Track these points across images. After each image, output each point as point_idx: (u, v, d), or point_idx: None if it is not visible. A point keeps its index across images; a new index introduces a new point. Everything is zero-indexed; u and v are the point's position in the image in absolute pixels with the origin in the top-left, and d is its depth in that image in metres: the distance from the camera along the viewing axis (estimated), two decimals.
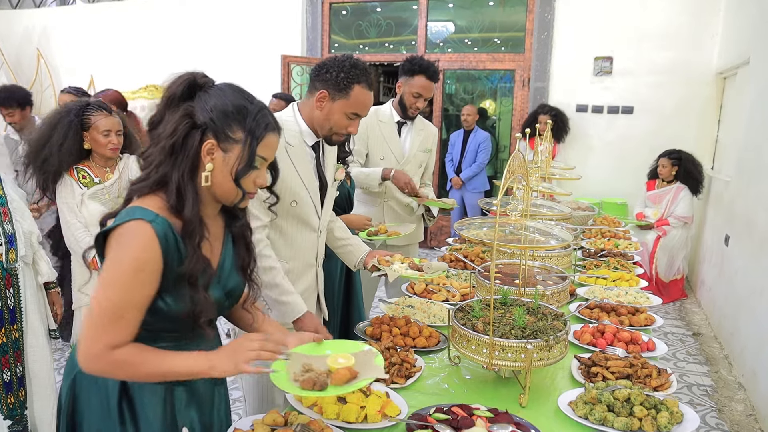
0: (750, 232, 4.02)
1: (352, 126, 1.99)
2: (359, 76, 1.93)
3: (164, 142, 1.30)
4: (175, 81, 1.35)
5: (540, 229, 1.92)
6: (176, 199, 1.30)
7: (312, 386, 1.27)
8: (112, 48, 8.11)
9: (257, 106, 1.36)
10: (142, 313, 1.27)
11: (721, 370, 4.04)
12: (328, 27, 7.31)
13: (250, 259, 1.49)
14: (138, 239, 1.24)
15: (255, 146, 1.33)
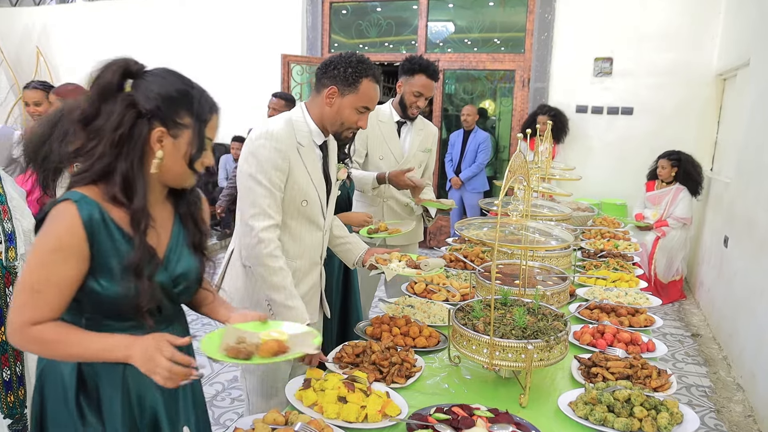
0: (749, 234, 4.03)
1: (362, 120, 2.02)
2: (366, 70, 1.96)
3: (110, 135, 1.28)
4: (107, 69, 1.33)
5: (540, 229, 1.92)
6: (123, 191, 1.30)
7: (236, 354, 1.27)
8: (112, 46, 8.09)
9: (199, 90, 1.38)
10: (66, 293, 1.28)
11: (720, 371, 4.05)
12: (328, 26, 7.30)
13: (201, 235, 1.50)
14: (60, 219, 1.27)
15: (204, 129, 1.36)
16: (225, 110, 2.80)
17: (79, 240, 1.27)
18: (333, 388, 1.59)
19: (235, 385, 3.66)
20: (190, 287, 1.48)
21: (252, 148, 1.92)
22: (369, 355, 1.85)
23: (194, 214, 1.49)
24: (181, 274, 1.43)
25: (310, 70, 6.94)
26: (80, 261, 1.28)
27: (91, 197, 1.30)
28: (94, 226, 1.28)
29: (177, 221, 1.47)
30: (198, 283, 1.50)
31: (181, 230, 1.47)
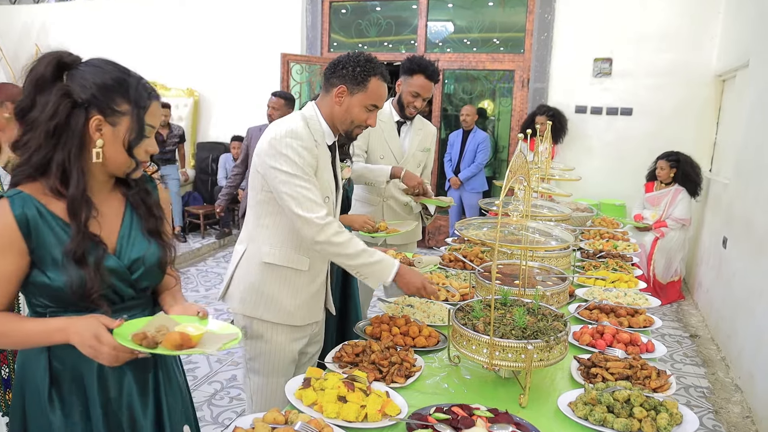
0: (748, 235, 4.03)
1: (371, 118, 2.06)
2: (375, 69, 2.00)
3: (45, 126, 1.29)
4: (41, 62, 1.33)
5: (540, 229, 1.92)
6: (59, 181, 1.32)
7: (141, 341, 1.26)
8: (111, 45, 8.08)
9: (136, 78, 1.39)
10: (10, 285, 1.32)
11: (718, 372, 4.05)
12: (327, 26, 7.30)
13: (156, 221, 1.51)
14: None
15: (143, 116, 1.37)
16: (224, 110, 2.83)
17: (11, 236, 1.29)
18: (333, 387, 1.59)
19: (234, 384, 3.66)
20: (149, 272, 1.48)
21: (280, 148, 1.92)
22: (369, 354, 1.85)
23: (146, 201, 1.51)
24: (136, 260, 1.44)
25: (309, 69, 6.93)
26: (17, 256, 1.30)
27: (28, 193, 1.32)
28: (29, 220, 1.30)
29: (129, 209, 1.49)
30: (159, 268, 1.51)
31: (133, 217, 1.48)
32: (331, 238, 1.92)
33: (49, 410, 1.39)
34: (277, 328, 2.06)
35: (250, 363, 2.11)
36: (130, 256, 1.44)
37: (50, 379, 1.39)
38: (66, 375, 1.40)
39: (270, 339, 2.07)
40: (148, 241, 1.48)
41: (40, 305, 1.38)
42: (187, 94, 7.77)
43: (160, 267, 1.51)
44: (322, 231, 1.90)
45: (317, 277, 2.14)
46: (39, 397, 1.40)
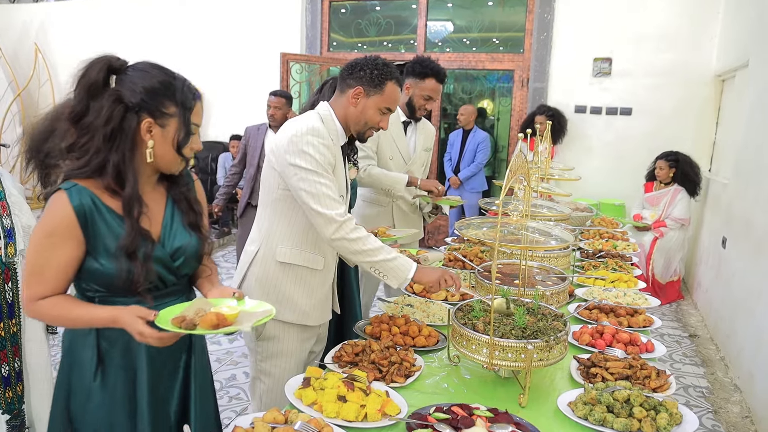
0: (747, 235, 4.03)
1: (383, 121, 2.07)
2: (392, 73, 2.03)
3: (101, 131, 1.38)
4: (92, 68, 1.41)
5: (540, 229, 1.93)
6: (114, 180, 1.41)
7: (180, 323, 1.34)
8: (111, 44, 8.07)
9: (180, 80, 1.48)
10: (64, 272, 1.42)
11: (717, 372, 4.05)
12: (327, 25, 7.30)
13: (195, 216, 1.61)
14: (52, 207, 1.40)
15: (189, 116, 1.47)
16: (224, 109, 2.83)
17: (70, 225, 1.39)
18: (332, 387, 1.59)
19: (233, 383, 3.65)
20: (188, 261, 1.58)
21: (301, 145, 1.92)
22: (368, 354, 1.85)
23: (187, 196, 1.60)
24: (177, 248, 1.54)
25: (309, 68, 6.93)
26: (75, 244, 1.41)
27: (83, 185, 1.41)
28: (86, 211, 1.40)
29: (170, 203, 1.58)
30: (197, 259, 1.61)
31: (174, 211, 1.58)
32: (349, 234, 1.92)
33: (92, 384, 1.50)
34: (291, 328, 2.06)
35: (262, 365, 2.09)
36: (172, 245, 1.54)
37: (98, 358, 1.50)
38: (115, 353, 1.50)
39: (283, 340, 2.06)
40: (189, 234, 1.58)
41: (90, 290, 1.47)
42: None
43: (197, 257, 1.61)
44: (340, 228, 1.91)
45: (329, 277, 2.16)
46: (86, 371, 1.50)
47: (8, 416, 2.29)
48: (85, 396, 1.51)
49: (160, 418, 1.57)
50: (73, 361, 1.53)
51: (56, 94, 8.39)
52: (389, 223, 3.25)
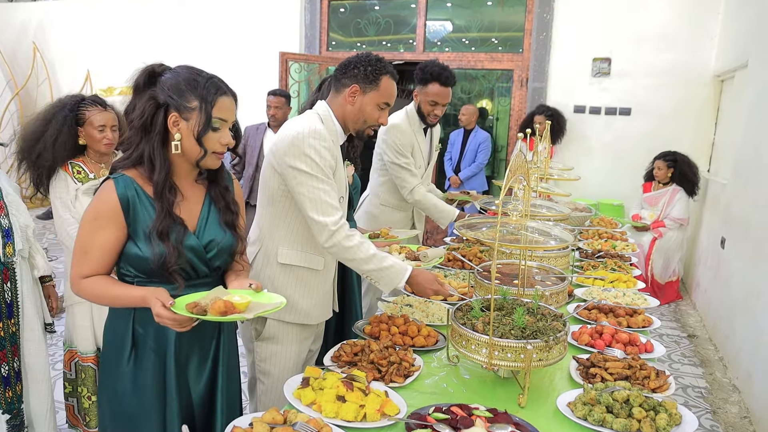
0: (746, 235, 4.03)
1: (382, 117, 2.07)
2: (385, 68, 2.03)
3: (137, 124, 1.56)
4: (138, 73, 1.60)
5: (539, 229, 1.92)
6: (149, 170, 1.57)
7: (192, 309, 1.45)
8: (109, 42, 8.06)
9: (206, 77, 1.61)
10: (111, 253, 1.57)
11: (716, 372, 4.06)
12: (326, 24, 7.29)
13: (232, 216, 1.73)
14: (101, 192, 1.57)
15: (210, 109, 1.57)
16: None
17: (114, 210, 1.54)
18: (332, 387, 1.59)
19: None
20: (221, 254, 1.70)
21: (303, 148, 1.92)
22: (367, 354, 1.85)
23: (225, 195, 1.73)
24: (211, 241, 1.67)
25: (308, 68, 6.92)
26: (117, 228, 1.56)
27: (129, 176, 1.58)
28: (129, 198, 1.55)
29: (207, 200, 1.71)
30: (230, 254, 1.73)
31: (211, 208, 1.71)
32: (342, 242, 1.93)
33: (126, 367, 1.63)
34: (292, 328, 2.07)
35: (262, 365, 2.10)
36: (207, 237, 1.66)
37: (132, 341, 1.63)
38: (148, 337, 1.63)
39: (283, 340, 2.07)
40: (224, 231, 1.70)
41: (128, 275, 1.61)
42: None
43: (231, 253, 1.73)
44: (333, 236, 1.92)
45: (329, 276, 2.16)
46: (119, 353, 1.64)
47: (8, 416, 2.29)
48: (121, 378, 1.64)
49: (185, 401, 1.67)
50: (112, 345, 1.66)
51: (54, 93, 8.37)
52: (410, 224, 3.30)
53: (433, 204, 3.11)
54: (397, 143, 3.03)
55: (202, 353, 1.71)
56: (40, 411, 2.39)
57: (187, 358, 1.68)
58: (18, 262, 2.28)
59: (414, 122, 3.13)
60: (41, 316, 2.42)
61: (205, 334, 1.70)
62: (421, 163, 3.17)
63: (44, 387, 2.41)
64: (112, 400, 1.66)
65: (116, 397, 1.65)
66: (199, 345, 1.70)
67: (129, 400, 1.63)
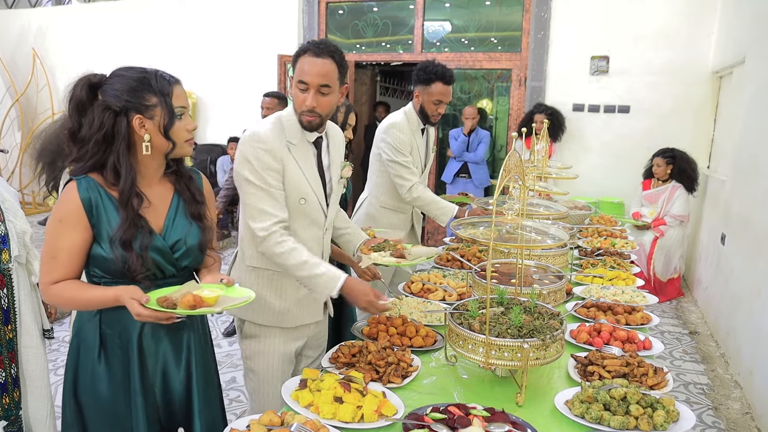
0: (746, 232, 4.03)
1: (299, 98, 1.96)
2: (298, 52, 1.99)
3: (96, 137, 1.54)
4: (75, 89, 1.57)
5: (536, 228, 1.92)
6: (113, 176, 1.56)
7: (163, 302, 1.49)
8: (109, 48, 8.08)
9: (152, 72, 1.59)
10: (77, 256, 1.57)
11: (718, 369, 4.05)
12: (324, 26, 7.30)
13: (197, 206, 1.73)
14: (63, 196, 1.57)
15: (170, 101, 1.58)
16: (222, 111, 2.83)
17: (77, 212, 1.54)
18: (329, 388, 1.59)
19: (234, 385, 3.65)
20: (189, 252, 1.69)
21: (243, 151, 1.95)
22: (365, 355, 1.85)
23: (190, 187, 1.73)
24: (177, 241, 1.66)
25: None
26: (82, 229, 1.55)
27: (92, 177, 1.57)
28: (92, 200, 1.55)
29: (176, 196, 1.71)
30: (199, 249, 1.73)
31: (180, 202, 1.71)
32: (272, 248, 1.91)
33: (97, 363, 1.64)
34: (270, 329, 2.07)
35: (247, 362, 2.13)
36: (173, 236, 1.66)
37: (100, 341, 1.64)
38: (113, 338, 1.64)
39: (264, 339, 2.08)
40: (190, 224, 1.70)
41: (96, 276, 1.62)
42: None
43: (199, 247, 1.72)
44: (263, 242, 1.92)
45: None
46: (91, 354, 1.65)
47: (5, 423, 2.29)
48: (90, 377, 1.65)
49: (163, 398, 1.70)
50: (80, 345, 1.67)
51: (54, 99, 8.40)
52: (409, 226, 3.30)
53: (433, 200, 3.10)
54: (396, 141, 3.04)
55: (176, 351, 1.72)
56: (39, 417, 2.39)
57: (161, 356, 1.69)
58: (15, 268, 2.28)
59: (413, 122, 3.13)
60: (39, 323, 2.42)
61: (174, 331, 1.71)
62: (418, 163, 3.17)
63: (43, 393, 2.41)
64: (84, 400, 1.66)
65: (88, 397, 1.66)
66: (171, 343, 1.71)
67: (100, 399, 1.65)
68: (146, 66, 1.61)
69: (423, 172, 3.25)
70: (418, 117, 3.14)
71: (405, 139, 3.06)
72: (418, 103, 3.11)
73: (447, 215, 3.08)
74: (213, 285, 1.63)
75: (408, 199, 3.09)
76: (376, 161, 3.20)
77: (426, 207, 3.11)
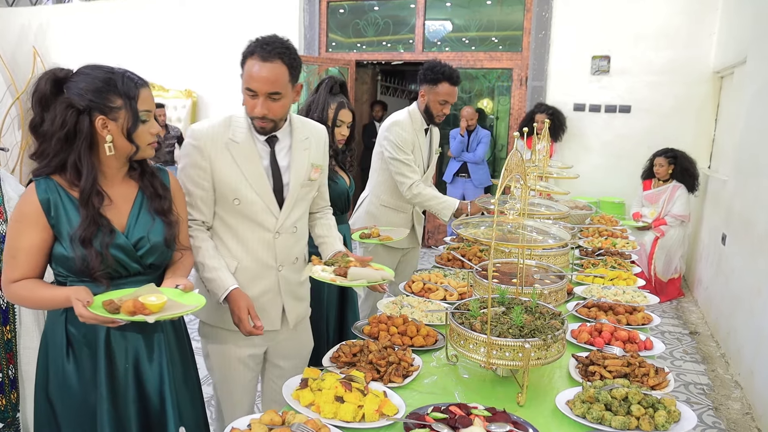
0: (747, 232, 4.03)
1: (249, 103, 1.94)
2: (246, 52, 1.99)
3: (58, 135, 1.53)
4: (40, 82, 1.55)
5: (538, 227, 1.92)
6: (74, 176, 1.56)
7: (108, 305, 1.47)
8: (109, 46, 8.08)
9: (120, 73, 1.58)
10: (36, 256, 1.58)
11: (718, 369, 4.05)
12: (325, 25, 7.29)
13: (161, 201, 1.72)
14: (23, 196, 1.59)
15: (135, 105, 1.57)
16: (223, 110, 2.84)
17: (35, 212, 1.55)
18: (330, 387, 1.59)
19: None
20: (154, 249, 1.68)
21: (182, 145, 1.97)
22: (366, 354, 1.84)
23: (153, 183, 1.72)
24: (141, 237, 1.65)
25: (307, 69, 6.93)
26: (40, 229, 1.56)
27: (53, 178, 1.58)
28: (51, 201, 1.56)
29: (140, 193, 1.71)
30: (165, 245, 1.71)
31: (143, 199, 1.70)
32: (191, 242, 1.93)
33: (66, 362, 1.64)
34: (221, 331, 2.05)
35: (206, 361, 2.15)
36: (137, 234, 1.65)
37: (66, 340, 1.64)
38: (80, 338, 1.64)
39: (216, 340, 2.08)
40: (153, 219, 1.69)
41: (60, 275, 1.62)
42: (185, 96, 7.75)
43: (165, 243, 1.70)
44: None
45: (257, 282, 2.02)
46: (59, 352, 1.65)
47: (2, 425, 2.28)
48: (60, 377, 1.65)
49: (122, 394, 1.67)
50: (48, 344, 1.68)
51: None
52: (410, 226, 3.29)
53: (433, 196, 3.08)
54: (398, 139, 3.03)
55: (148, 348, 1.71)
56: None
57: (132, 354, 1.67)
58: None
59: (416, 121, 3.13)
60: (40, 323, 2.41)
61: (144, 329, 1.68)
62: (420, 162, 3.16)
63: None
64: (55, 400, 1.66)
65: (59, 397, 1.66)
66: (143, 340, 1.70)
67: (71, 397, 1.65)
68: (115, 66, 1.60)
69: (426, 171, 3.25)
70: (422, 116, 3.14)
71: (407, 137, 3.06)
72: (423, 103, 3.10)
73: (449, 209, 3.06)
74: (168, 290, 1.61)
75: (408, 197, 3.08)
76: (378, 159, 3.19)
77: (427, 203, 3.10)
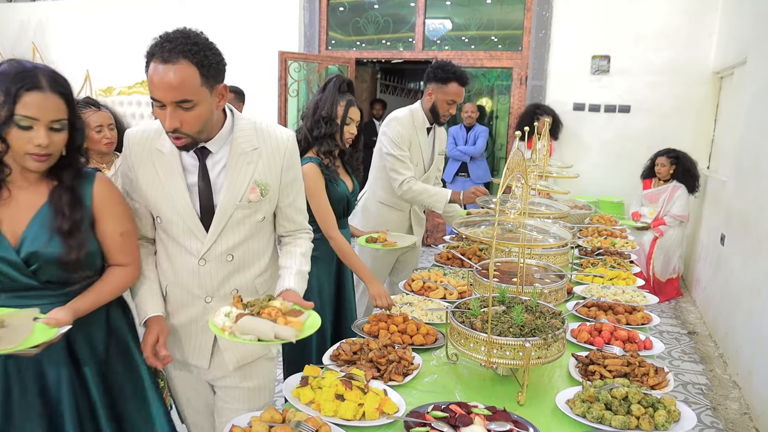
0: (746, 232, 4.03)
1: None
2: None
3: None
4: None
5: (538, 227, 1.92)
6: None
7: None
8: (109, 42, 8.06)
9: (15, 69, 1.45)
10: None
11: (716, 369, 4.06)
12: (325, 23, 7.28)
13: (62, 221, 1.54)
14: None
15: (12, 105, 1.43)
16: None
17: None
18: (330, 385, 1.59)
19: None
20: (47, 267, 1.54)
21: None
22: (366, 352, 1.85)
23: (63, 197, 1.56)
24: (32, 253, 1.51)
25: (307, 67, 6.92)
26: None
27: None
28: None
29: (47, 204, 1.55)
30: (59, 266, 1.54)
31: (48, 213, 1.55)
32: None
33: None
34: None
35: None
36: (29, 248, 1.51)
37: None
38: None
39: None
40: (50, 238, 1.53)
41: None
42: None
43: (59, 265, 1.54)
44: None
45: (183, 310, 1.81)
46: None
47: None
48: None
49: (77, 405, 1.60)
50: None
51: None
52: (406, 226, 3.28)
53: (424, 189, 3.06)
54: (395, 134, 3.02)
55: (95, 360, 1.65)
56: None
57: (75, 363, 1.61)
58: None
59: (418, 119, 3.12)
60: None
61: (92, 335, 1.64)
62: (418, 161, 3.15)
63: None
64: None
65: None
66: (88, 347, 1.64)
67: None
68: (27, 63, 1.49)
69: (426, 171, 3.23)
70: (426, 115, 3.13)
71: (404, 133, 3.05)
72: (429, 101, 3.09)
73: (441, 201, 3.05)
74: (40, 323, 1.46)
75: (399, 193, 3.07)
76: (378, 156, 3.20)
77: (419, 198, 3.08)
